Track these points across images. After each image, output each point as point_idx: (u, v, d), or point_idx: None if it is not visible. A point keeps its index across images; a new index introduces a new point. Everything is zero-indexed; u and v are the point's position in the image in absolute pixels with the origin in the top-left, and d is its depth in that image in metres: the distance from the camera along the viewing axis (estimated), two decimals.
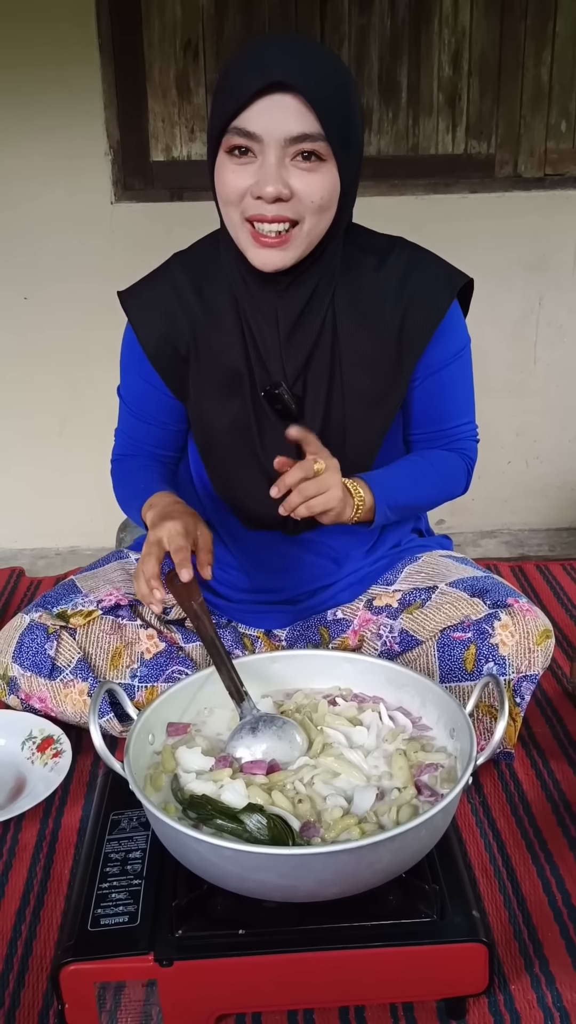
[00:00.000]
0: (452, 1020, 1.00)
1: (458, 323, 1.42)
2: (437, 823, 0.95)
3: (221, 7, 2.71)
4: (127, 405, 1.49)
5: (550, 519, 3.24)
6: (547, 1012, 1.00)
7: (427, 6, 2.75)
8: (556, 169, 2.91)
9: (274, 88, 1.14)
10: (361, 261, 1.35)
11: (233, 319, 1.35)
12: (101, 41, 2.72)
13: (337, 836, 0.96)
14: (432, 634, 1.41)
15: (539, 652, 1.34)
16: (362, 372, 1.35)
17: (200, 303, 1.37)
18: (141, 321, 1.40)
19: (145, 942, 0.96)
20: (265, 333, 1.33)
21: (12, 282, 2.92)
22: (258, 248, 1.24)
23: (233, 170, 1.21)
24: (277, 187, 1.17)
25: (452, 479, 1.46)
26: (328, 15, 2.73)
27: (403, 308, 1.35)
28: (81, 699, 1.42)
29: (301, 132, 1.16)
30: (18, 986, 1.05)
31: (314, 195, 1.20)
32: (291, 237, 1.23)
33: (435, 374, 1.41)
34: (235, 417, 1.37)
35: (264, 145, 1.17)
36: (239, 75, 1.16)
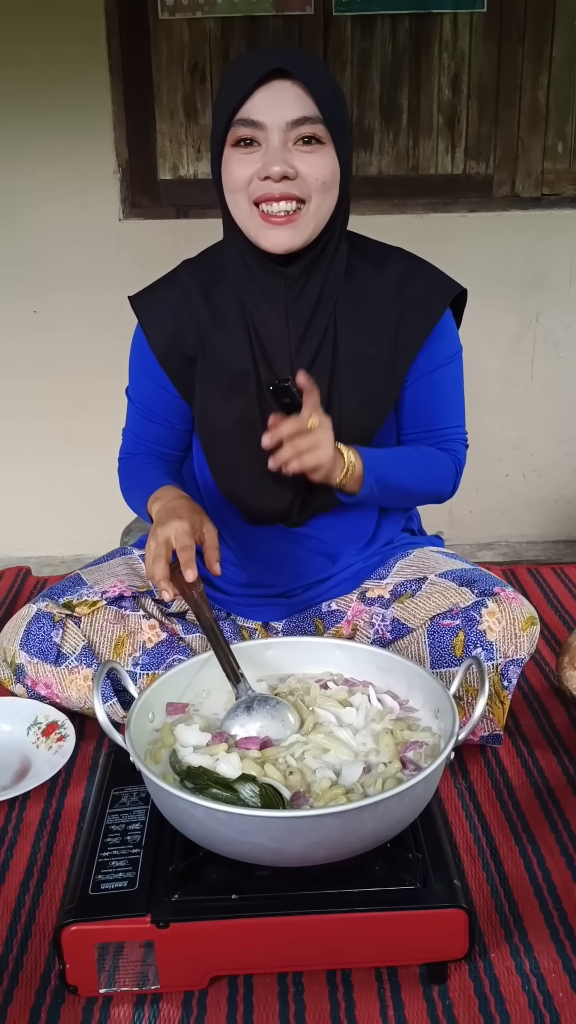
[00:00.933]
0: (434, 984, 1.05)
1: (451, 331, 1.50)
2: (419, 793, 1.01)
3: (227, 32, 2.80)
4: (135, 405, 1.56)
5: (547, 531, 3.30)
6: (524, 978, 1.05)
7: (427, 31, 2.83)
8: (553, 189, 2.99)
9: (273, 75, 1.25)
10: (361, 267, 1.44)
11: (239, 320, 1.42)
12: (111, 63, 2.81)
13: (325, 805, 1.02)
14: (422, 622, 1.46)
15: (524, 637, 1.40)
16: (359, 372, 1.43)
17: (207, 306, 1.44)
18: (150, 323, 1.47)
19: (143, 905, 1.01)
20: (273, 333, 1.41)
21: (22, 296, 2.99)
22: (268, 229, 1.32)
23: (239, 160, 1.30)
24: (283, 166, 1.27)
25: (440, 473, 1.51)
26: (331, 39, 2.82)
27: (399, 312, 1.43)
28: (85, 685, 1.47)
29: (302, 115, 1.26)
30: (21, 951, 1.10)
31: (317, 173, 1.29)
32: (299, 216, 1.31)
33: (426, 376, 1.48)
34: (239, 416, 1.44)
35: (267, 131, 1.27)
36: (239, 74, 1.28)
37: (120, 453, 1.61)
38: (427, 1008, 1.01)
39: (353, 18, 2.81)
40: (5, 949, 1.10)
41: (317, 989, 1.04)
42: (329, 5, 2.78)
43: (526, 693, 1.62)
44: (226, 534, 1.55)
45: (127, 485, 1.56)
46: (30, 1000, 1.03)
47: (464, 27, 2.84)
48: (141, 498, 1.46)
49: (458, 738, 1.05)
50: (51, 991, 1.04)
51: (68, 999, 1.03)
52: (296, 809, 1.01)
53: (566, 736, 1.49)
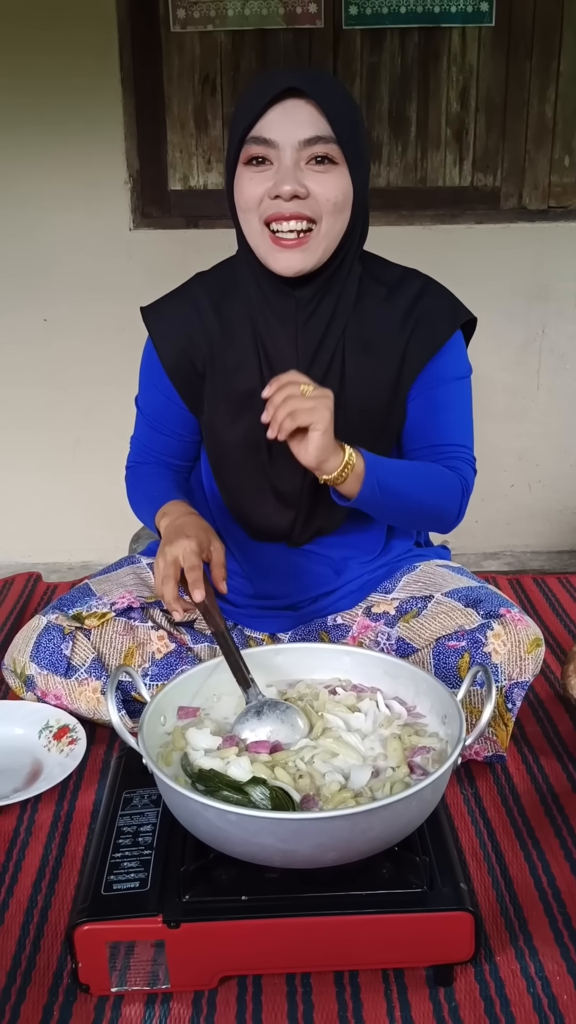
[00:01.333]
0: (440, 986, 1.06)
1: (459, 352, 1.48)
2: (427, 797, 1.02)
3: (238, 44, 2.83)
4: (143, 415, 1.57)
5: (551, 542, 3.31)
6: (530, 980, 1.06)
7: (436, 45, 2.86)
8: (559, 201, 3.01)
9: (287, 94, 1.25)
10: (372, 290, 1.44)
11: (249, 338, 1.43)
12: (123, 75, 2.84)
13: (335, 808, 1.03)
14: (428, 642, 1.47)
15: (530, 660, 1.40)
16: (364, 396, 1.43)
17: (218, 321, 1.45)
18: (161, 336, 1.48)
19: (154, 905, 1.03)
20: (283, 354, 1.41)
21: (32, 304, 3.02)
22: (278, 251, 1.32)
23: (251, 178, 1.30)
24: (294, 185, 1.26)
25: (447, 490, 1.43)
26: (341, 53, 2.85)
27: (407, 337, 1.43)
28: (95, 696, 1.49)
29: (314, 134, 1.26)
30: (34, 950, 1.12)
31: (329, 194, 1.29)
32: (310, 238, 1.31)
33: (431, 390, 1.46)
34: (246, 433, 1.44)
35: (280, 150, 1.27)
36: (253, 92, 1.28)
37: (128, 461, 1.62)
38: (433, 1010, 1.03)
39: (363, 32, 2.83)
40: (18, 948, 1.12)
41: (325, 990, 1.06)
42: (339, 19, 2.81)
43: (531, 701, 1.63)
44: (233, 547, 1.56)
45: (134, 494, 1.57)
46: (43, 998, 1.05)
47: (472, 41, 2.86)
48: (148, 509, 1.47)
49: (465, 743, 1.06)
50: (63, 989, 1.06)
51: (80, 997, 1.05)
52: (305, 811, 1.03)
53: (571, 743, 1.51)
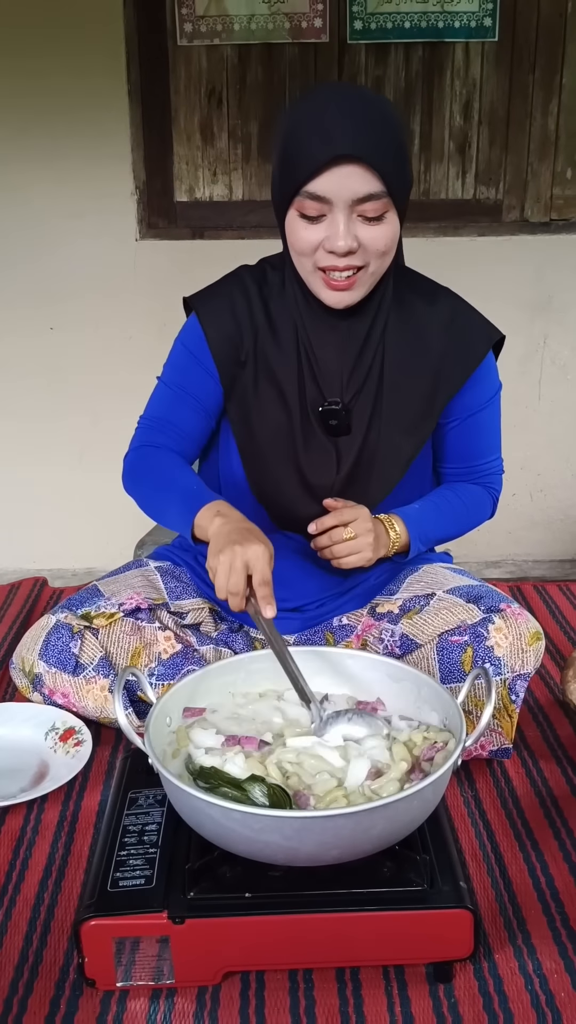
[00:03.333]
0: (440, 983, 1.08)
1: (491, 371, 1.58)
2: (428, 796, 1.05)
3: (244, 58, 2.87)
4: (169, 387, 1.54)
5: (553, 550, 3.34)
6: (528, 978, 1.08)
7: (440, 59, 2.90)
8: (561, 214, 3.04)
9: (340, 159, 1.28)
10: (413, 301, 1.51)
11: (291, 337, 1.48)
12: (130, 88, 2.88)
13: (328, 806, 1.06)
14: (431, 638, 1.50)
15: (531, 652, 1.44)
16: (401, 402, 1.50)
17: (265, 315, 1.49)
18: (210, 317, 1.50)
19: (160, 902, 1.05)
20: (328, 357, 1.47)
21: (39, 313, 3.05)
22: (330, 291, 1.39)
23: (305, 227, 1.35)
24: (348, 242, 1.32)
25: (478, 511, 1.63)
26: (346, 67, 2.88)
27: (443, 349, 1.50)
28: (102, 695, 1.51)
29: (367, 193, 1.30)
30: (41, 945, 1.14)
31: (379, 244, 1.35)
32: (358, 280, 1.38)
33: (471, 417, 1.58)
34: (281, 427, 1.50)
35: (333, 206, 1.31)
36: (306, 145, 1.29)
37: (133, 443, 1.58)
38: (433, 1006, 1.05)
39: (367, 46, 2.87)
40: (25, 943, 1.14)
41: (327, 986, 1.07)
42: (344, 33, 2.85)
43: (531, 706, 1.65)
44: None
45: (142, 478, 1.53)
46: (50, 992, 1.07)
47: (476, 55, 2.90)
48: (168, 497, 1.45)
49: (466, 744, 1.09)
50: (70, 984, 1.08)
51: (86, 992, 1.07)
52: (309, 810, 1.05)
53: (570, 747, 1.53)
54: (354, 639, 1.57)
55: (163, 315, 1.51)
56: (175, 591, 1.60)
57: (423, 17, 2.83)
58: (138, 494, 1.52)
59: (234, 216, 3.01)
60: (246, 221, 3.00)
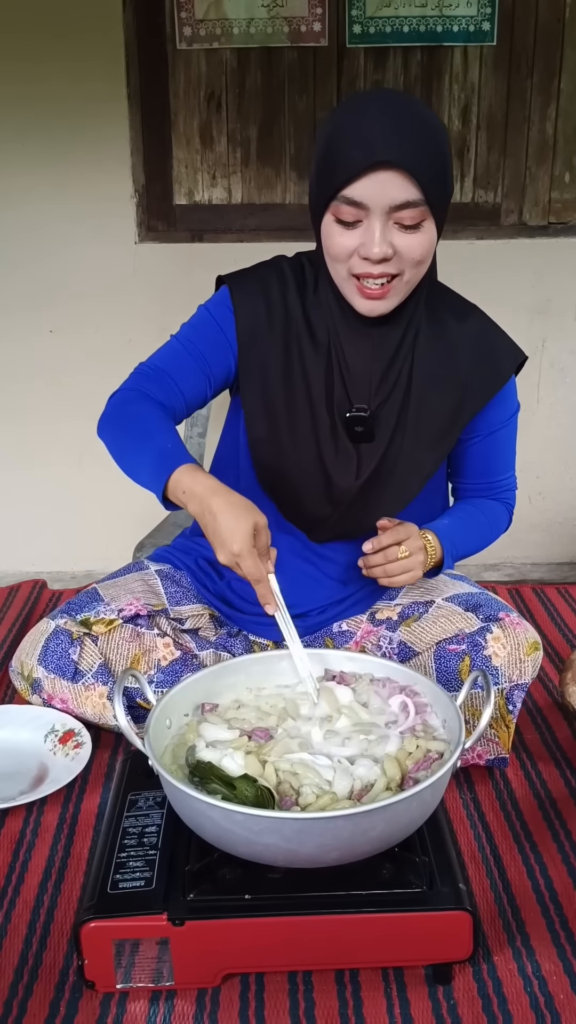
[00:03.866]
0: (439, 985, 1.08)
1: (513, 391, 1.58)
2: (426, 798, 1.05)
3: (243, 62, 2.87)
4: (180, 342, 1.51)
5: (552, 553, 3.34)
6: (527, 980, 1.08)
7: (438, 63, 2.90)
8: (560, 218, 3.05)
9: (379, 165, 1.26)
10: (444, 316, 1.50)
11: (324, 337, 1.47)
12: (130, 92, 2.88)
13: (323, 808, 1.06)
14: (429, 646, 1.50)
15: (529, 662, 1.43)
16: (426, 416, 1.49)
17: (301, 309, 1.48)
18: (242, 299, 1.48)
19: (159, 903, 1.05)
20: (359, 363, 1.46)
21: (39, 316, 3.06)
22: (363, 299, 1.38)
23: (341, 232, 1.33)
24: (383, 249, 1.31)
25: (498, 526, 1.65)
26: (345, 71, 2.89)
27: (470, 367, 1.50)
28: (101, 701, 1.51)
29: (404, 200, 1.28)
30: (40, 947, 1.14)
31: (415, 253, 1.33)
32: (392, 288, 1.36)
33: (492, 435, 1.58)
34: (307, 424, 1.49)
35: (370, 212, 1.29)
36: (345, 149, 1.28)
37: (123, 385, 1.52)
38: (432, 1007, 1.05)
39: (366, 50, 2.88)
40: (25, 946, 1.14)
41: (326, 987, 1.08)
42: (343, 37, 2.85)
43: (530, 708, 1.66)
44: None
45: (122, 421, 1.46)
46: (49, 994, 1.07)
47: (474, 60, 2.91)
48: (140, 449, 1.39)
49: (465, 746, 1.09)
50: (69, 986, 1.08)
51: (86, 994, 1.07)
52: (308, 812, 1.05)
53: (568, 750, 1.53)
54: (353, 645, 1.57)
55: (163, 318, 1.51)
56: (175, 596, 1.60)
57: (422, 21, 2.84)
58: (112, 438, 1.45)
59: (233, 219, 3.01)
60: (245, 224, 3.01)
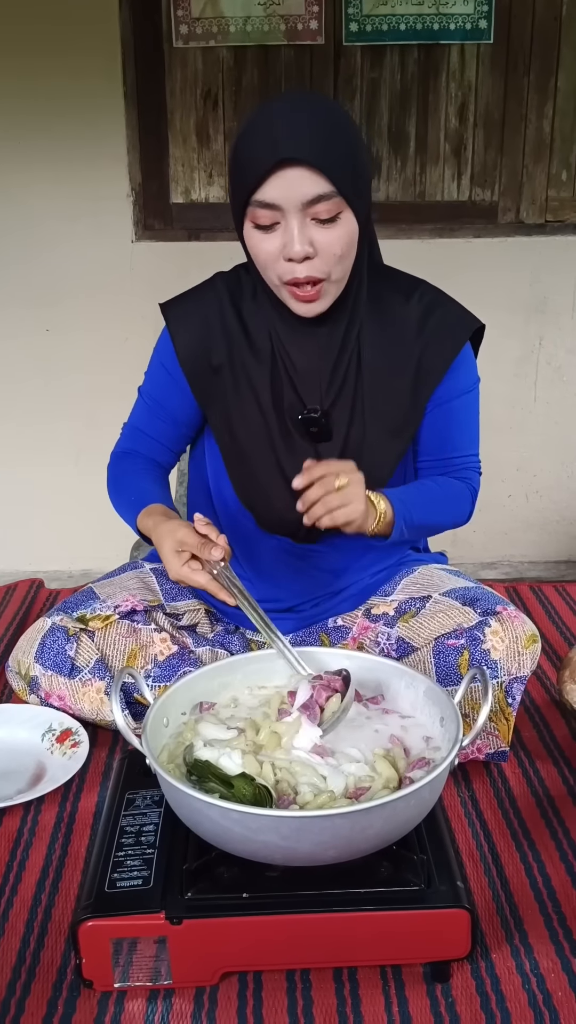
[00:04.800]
0: (437, 983, 1.08)
1: (470, 363, 1.55)
2: (424, 796, 1.05)
3: (240, 60, 2.87)
4: (145, 401, 1.59)
5: (548, 552, 3.34)
6: (525, 977, 1.08)
7: (435, 62, 2.90)
8: (557, 216, 3.05)
9: (285, 163, 1.27)
10: (387, 297, 1.49)
11: (266, 343, 1.48)
12: (126, 90, 2.88)
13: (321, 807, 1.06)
14: (427, 641, 1.50)
15: (527, 655, 1.44)
16: (382, 401, 1.48)
17: (238, 322, 1.49)
18: (179, 326, 1.51)
19: (157, 902, 1.05)
20: (306, 364, 1.46)
21: (35, 314, 3.05)
22: (298, 303, 1.38)
23: (261, 239, 1.35)
24: (303, 247, 1.31)
25: (459, 504, 1.57)
26: (341, 69, 2.89)
27: (422, 343, 1.48)
28: (98, 697, 1.51)
29: (316, 194, 1.28)
30: (38, 947, 1.14)
31: (335, 248, 1.33)
32: (322, 290, 1.37)
33: (444, 405, 1.53)
34: (261, 431, 1.49)
35: (285, 212, 1.30)
36: (251, 151, 1.29)
37: (115, 448, 1.63)
38: (430, 1005, 1.05)
39: (363, 48, 2.88)
40: (22, 945, 1.14)
41: (324, 986, 1.07)
42: (340, 35, 2.85)
43: (528, 706, 1.66)
44: (236, 548, 1.59)
45: (116, 487, 1.58)
46: (47, 993, 1.07)
47: (471, 58, 2.91)
48: (126, 507, 1.50)
49: (462, 744, 1.09)
50: (67, 985, 1.08)
51: (84, 993, 1.07)
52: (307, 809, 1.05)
53: (566, 748, 1.53)
54: (350, 642, 1.57)
55: (159, 317, 1.51)
56: (170, 592, 1.60)
57: (418, 19, 2.84)
58: (115, 501, 1.57)
59: (230, 218, 2.99)
60: None
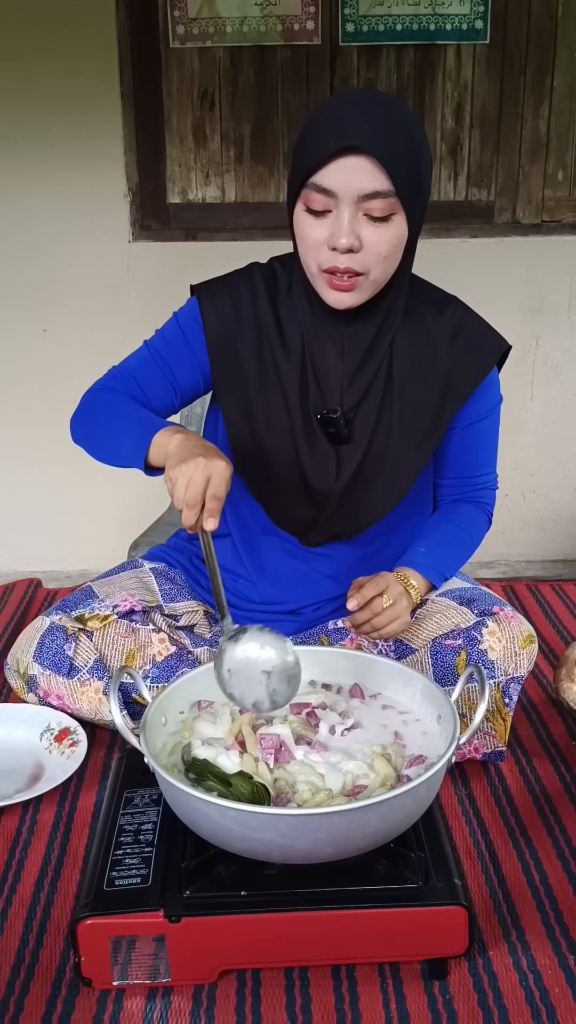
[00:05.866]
0: (435, 980, 1.09)
1: (494, 383, 1.57)
2: (422, 793, 1.05)
3: (236, 60, 2.87)
4: (150, 350, 1.53)
5: (545, 551, 3.35)
6: (522, 974, 1.09)
7: (431, 62, 2.91)
8: (553, 216, 3.05)
9: (349, 151, 1.26)
10: (421, 310, 1.48)
11: (298, 341, 1.47)
12: (123, 90, 2.88)
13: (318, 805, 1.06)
14: (424, 642, 1.50)
15: (524, 655, 1.44)
16: (408, 413, 1.48)
17: (272, 315, 1.47)
18: (211, 311, 1.48)
19: (156, 900, 1.06)
20: (329, 363, 1.45)
21: (33, 315, 3.05)
22: (332, 291, 1.36)
23: (311, 224, 1.33)
24: (350, 239, 1.29)
25: (479, 535, 1.63)
26: (338, 69, 2.89)
27: (452, 359, 1.48)
28: (96, 697, 1.51)
29: (373, 190, 1.27)
30: (37, 945, 1.14)
31: (381, 247, 1.32)
32: (358, 283, 1.35)
33: (469, 427, 1.56)
34: (285, 428, 1.48)
35: (339, 200, 1.29)
36: (317, 135, 1.28)
37: (96, 384, 1.55)
38: (428, 1002, 1.05)
39: (359, 48, 2.88)
40: (22, 943, 1.14)
41: (322, 983, 1.08)
42: (336, 36, 2.85)
43: (525, 705, 1.66)
44: (241, 548, 1.59)
45: (96, 411, 1.49)
46: (46, 992, 1.07)
47: (467, 58, 2.91)
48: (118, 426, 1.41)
49: (459, 741, 1.09)
50: (66, 983, 1.08)
51: (83, 991, 1.07)
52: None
53: (563, 746, 1.54)
54: (348, 643, 1.57)
55: (156, 317, 1.51)
56: (169, 593, 1.61)
57: (415, 19, 2.84)
58: (87, 428, 1.49)
59: (227, 218, 3.01)
60: (239, 223, 3.01)
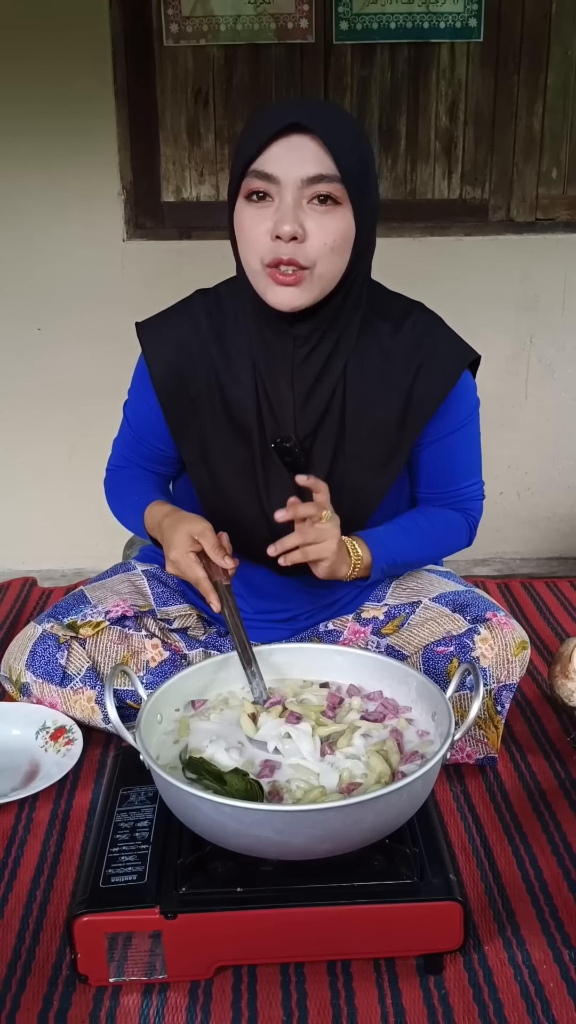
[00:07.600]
0: (430, 975, 1.09)
1: (465, 392, 1.47)
2: (417, 789, 1.06)
3: (230, 59, 2.87)
4: (128, 424, 1.57)
5: (540, 548, 3.35)
6: (517, 969, 1.09)
7: (425, 60, 2.90)
8: (547, 214, 3.05)
9: (292, 130, 1.21)
10: (376, 327, 1.41)
11: (248, 372, 1.41)
12: (117, 89, 2.87)
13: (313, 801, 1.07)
14: (417, 649, 1.50)
15: (516, 663, 1.44)
16: (367, 438, 1.42)
17: (219, 349, 1.42)
18: (155, 355, 1.45)
19: (152, 897, 1.06)
20: (280, 392, 1.39)
21: (27, 314, 3.05)
22: (276, 287, 1.28)
23: (251, 215, 1.27)
24: (293, 226, 1.23)
25: (451, 536, 1.54)
26: (332, 67, 2.89)
27: (412, 375, 1.41)
28: (89, 705, 1.50)
29: (318, 173, 1.22)
30: (34, 942, 1.14)
31: (327, 237, 1.25)
32: (303, 277, 1.27)
33: (442, 440, 1.48)
34: (241, 462, 1.44)
35: (281, 187, 1.23)
36: (258, 123, 1.24)
37: (109, 464, 1.63)
38: (423, 997, 1.06)
39: (353, 46, 2.88)
40: (18, 940, 1.15)
41: (318, 979, 1.08)
42: (330, 34, 2.85)
43: (519, 701, 1.67)
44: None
45: (117, 497, 1.59)
46: (43, 988, 1.08)
47: (461, 56, 2.91)
48: (133, 512, 1.49)
49: (454, 737, 1.10)
50: (63, 980, 1.09)
51: (79, 988, 1.08)
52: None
53: (558, 742, 1.54)
54: (341, 644, 1.57)
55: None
56: (162, 597, 1.60)
57: (408, 18, 2.84)
58: (119, 515, 1.58)
59: (221, 216, 2.97)
60: None
